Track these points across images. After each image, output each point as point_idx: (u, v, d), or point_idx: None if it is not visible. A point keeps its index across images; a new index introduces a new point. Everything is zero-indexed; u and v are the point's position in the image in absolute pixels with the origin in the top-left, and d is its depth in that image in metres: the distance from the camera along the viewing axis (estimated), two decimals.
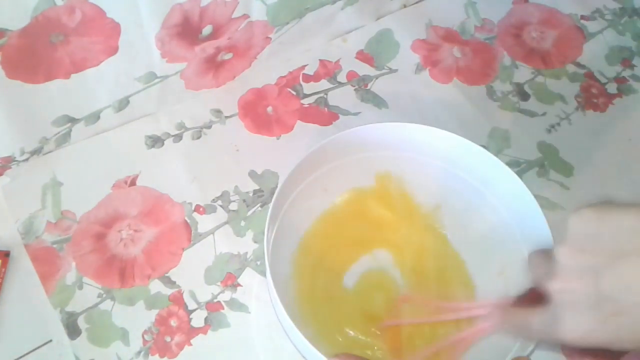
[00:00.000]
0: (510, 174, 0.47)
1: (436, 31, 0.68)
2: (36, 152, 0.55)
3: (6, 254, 0.50)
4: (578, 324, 0.31)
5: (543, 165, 0.59)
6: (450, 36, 0.68)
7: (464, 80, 0.65)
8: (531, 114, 0.63)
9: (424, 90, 0.64)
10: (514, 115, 0.62)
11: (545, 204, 0.56)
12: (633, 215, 0.30)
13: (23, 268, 0.50)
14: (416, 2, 0.71)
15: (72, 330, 0.48)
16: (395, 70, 0.65)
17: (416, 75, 0.65)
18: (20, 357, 0.46)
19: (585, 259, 0.31)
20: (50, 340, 0.47)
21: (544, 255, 0.36)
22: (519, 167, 0.59)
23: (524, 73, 0.66)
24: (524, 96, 0.64)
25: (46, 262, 0.51)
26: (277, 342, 0.48)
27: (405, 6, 0.70)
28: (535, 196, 0.46)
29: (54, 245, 0.52)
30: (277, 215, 0.47)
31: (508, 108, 0.63)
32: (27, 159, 0.55)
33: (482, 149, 0.48)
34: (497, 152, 0.59)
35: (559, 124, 0.62)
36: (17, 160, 0.54)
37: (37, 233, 0.52)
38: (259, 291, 0.51)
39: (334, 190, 0.52)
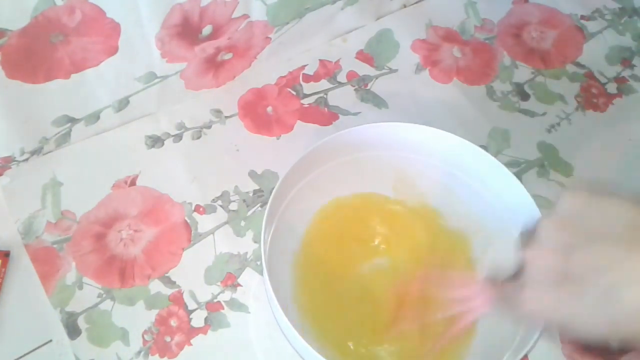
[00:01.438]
0: (508, 175, 0.47)
1: (436, 31, 0.68)
2: (36, 152, 0.55)
3: (6, 254, 0.50)
4: (540, 297, 0.32)
5: (543, 165, 0.59)
6: (450, 36, 0.68)
7: (464, 80, 0.65)
8: (531, 114, 0.63)
9: (424, 90, 0.64)
10: (514, 115, 0.62)
11: (545, 204, 0.55)
12: (620, 204, 0.30)
13: (23, 268, 0.50)
14: (416, 2, 0.71)
15: (72, 330, 0.48)
16: (395, 70, 0.65)
17: (416, 75, 0.65)
18: (20, 357, 0.46)
19: (564, 236, 0.31)
20: (50, 340, 0.47)
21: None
22: (519, 167, 0.59)
23: (523, 73, 0.66)
24: (524, 96, 0.64)
25: (46, 262, 0.51)
26: (277, 342, 0.48)
27: (405, 6, 0.70)
28: (535, 196, 0.46)
29: (54, 245, 0.52)
30: (275, 215, 0.47)
31: (508, 108, 0.63)
32: (27, 159, 0.55)
33: (480, 149, 0.48)
34: (497, 152, 0.59)
35: (558, 124, 0.62)
36: (17, 160, 0.54)
37: (37, 233, 0.52)
38: (258, 291, 0.51)
39: (333, 191, 0.52)
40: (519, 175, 0.55)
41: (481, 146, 0.49)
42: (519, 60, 0.67)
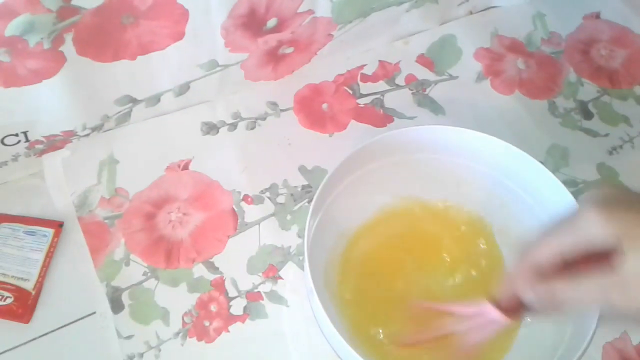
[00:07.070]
0: (565, 194, 0.46)
1: (501, 41, 0.67)
2: (97, 128, 0.57)
3: (60, 225, 0.52)
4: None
5: None
6: (515, 47, 0.66)
7: (525, 93, 0.63)
8: (593, 133, 0.61)
9: (484, 100, 0.62)
10: (575, 134, 0.61)
11: None
12: None
13: (74, 240, 0.52)
14: (483, 10, 0.69)
15: (116, 305, 0.49)
16: (456, 77, 0.64)
17: (477, 83, 0.64)
18: (64, 325, 0.48)
19: None
20: (94, 312, 0.49)
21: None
22: (576, 187, 0.57)
23: (589, 91, 0.64)
24: (587, 115, 0.62)
25: (97, 236, 0.52)
26: (313, 338, 0.48)
27: (471, 13, 0.69)
28: None
29: (106, 221, 0.53)
30: (319, 211, 0.47)
31: (569, 125, 0.61)
32: (87, 135, 0.57)
33: (539, 164, 0.47)
34: (554, 170, 0.57)
35: (621, 147, 0.60)
36: (78, 135, 0.56)
37: (91, 207, 0.54)
38: (298, 286, 0.51)
39: (381, 190, 0.51)
40: (575, 196, 0.53)
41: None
42: (585, 77, 0.65)
